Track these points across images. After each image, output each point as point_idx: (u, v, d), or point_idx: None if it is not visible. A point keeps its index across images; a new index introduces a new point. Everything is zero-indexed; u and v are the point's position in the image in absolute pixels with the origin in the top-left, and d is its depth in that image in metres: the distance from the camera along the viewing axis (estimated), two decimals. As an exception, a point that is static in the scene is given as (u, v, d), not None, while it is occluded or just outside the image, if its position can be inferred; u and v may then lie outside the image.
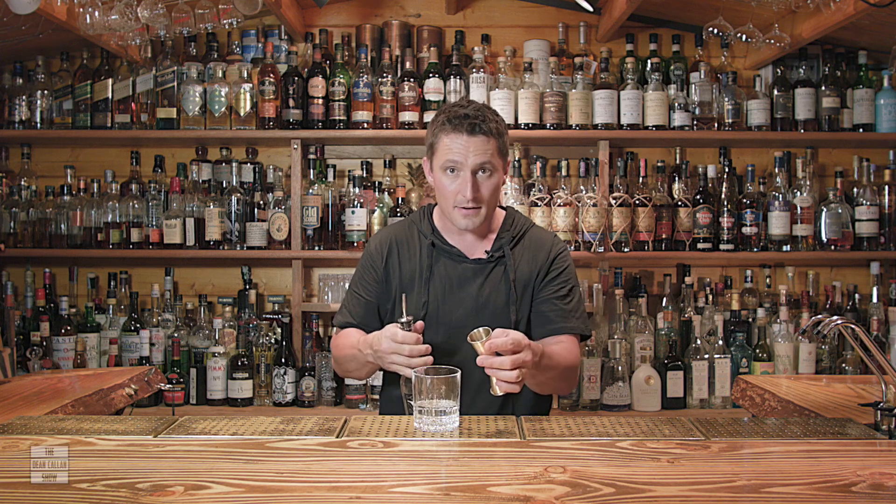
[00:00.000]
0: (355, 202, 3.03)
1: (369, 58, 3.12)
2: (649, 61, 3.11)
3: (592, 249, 2.96)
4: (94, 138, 3.18)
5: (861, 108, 3.07)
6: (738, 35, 2.69)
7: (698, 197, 3.05)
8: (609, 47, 3.17)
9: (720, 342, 2.97)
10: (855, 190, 3.12)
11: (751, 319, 3.06)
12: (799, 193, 3.05)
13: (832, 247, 3.05)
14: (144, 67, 3.09)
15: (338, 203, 3.09)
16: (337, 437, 1.47)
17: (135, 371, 2.24)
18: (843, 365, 2.98)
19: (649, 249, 3.02)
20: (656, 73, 3.06)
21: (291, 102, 3.04)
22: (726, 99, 3.06)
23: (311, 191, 3.07)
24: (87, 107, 3.10)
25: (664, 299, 3.11)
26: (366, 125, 3.04)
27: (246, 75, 3.08)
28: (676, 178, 3.10)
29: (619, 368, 2.93)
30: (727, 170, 3.15)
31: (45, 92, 3.12)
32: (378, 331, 1.75)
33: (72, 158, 3.30)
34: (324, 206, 3.06)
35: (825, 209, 3.05)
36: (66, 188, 3.13)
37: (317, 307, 3.11)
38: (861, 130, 3.08)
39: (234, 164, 3.13)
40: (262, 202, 3.10)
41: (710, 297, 3.12)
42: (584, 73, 3.07)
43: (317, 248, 3.05)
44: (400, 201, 3.07)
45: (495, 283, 1.88)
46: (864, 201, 3.07)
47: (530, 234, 1.96)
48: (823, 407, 1.78)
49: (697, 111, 3.07)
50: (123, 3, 2.51)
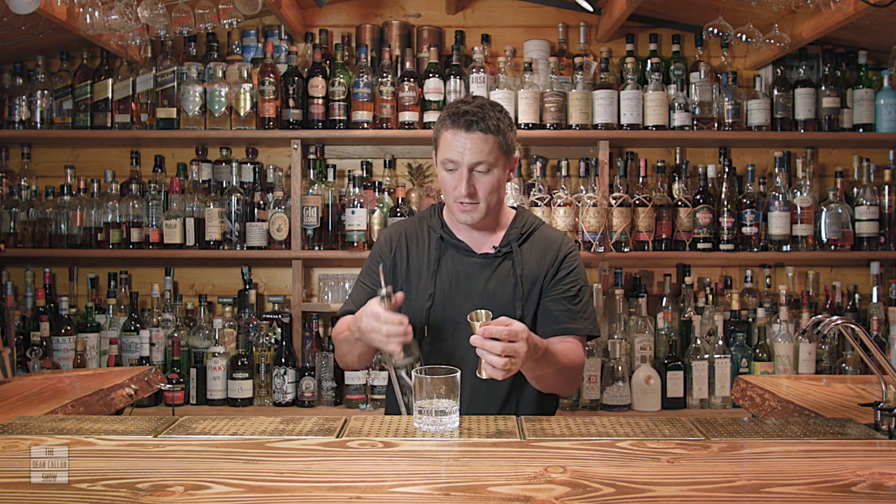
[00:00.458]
0: (355, 202, 3.03)
1: (369, 58, 3.12)
2: (649, 61, 3.11)
3: (592, 249, 2.96)
4: (94, 138, 3.18)
5: (861, 108, 3.07)
6: (738, 35, 2.69)
7: (698, 197, 3.05)
8: (609, 47, 3.17)
9: (720, 342, 2.97)
10: (855, 190, 3.12)
11: (751, 319, 3.06)
12: (799, 193, 3.05)
13: (832, 247, 3.05)
14: (144, 67, 3.09)
15: (338, 203, 3.09)
16: (337, 437, 1.47)
17: (135, 371, 2.24)
18: (843, 365, 2.98)
19: (649, 249, 3.03)
20: (656, 73, 3.06)
21: (291, 102, 3.04)
22: (726, 99, 3.06)
23: (311, 191, 3.07)
24: (87, 107, 3.10)
25: (664, 299, 3.11)
26: (366, 125, 3.04)
27: (246, 75, 3.08)
28: (676, 178, 3.10)
29: (619, 368, 2.93)
30: (727, 170, 3.15)
31: (45, 92, 3.12)
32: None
33: (72, 158, 3.30)
34: (324, 206, 3.06)
35: (825, 209, 3.05)
36: (66, 188, 3.13)
37: (317, 307, 3.11)
38: (861, 130, 3.08)
39: (234, 164, 3.13)
40: (262, 202, 3.10)
41: (710, 297, 3.12)
42: (584, 73, 3.07)
43: (317, 248, 3.05)
44: (400, 201, 3.07)
45: (502, 278, 1.89)
46: (864, 201, 3.07)
47: (540, 232, 1.96)
48: (823, 407, 1.78)
49: (697, 111, 3.07)
50: (123, 3, 2.51)
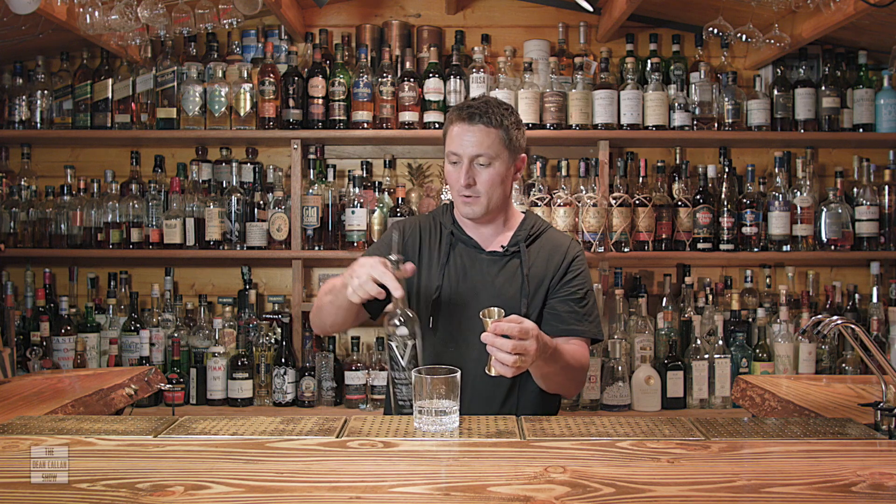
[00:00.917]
0: (355, 202, 3.03)
1: (369, 58, 3.12)
2: (649, 61, 3.11)
3: (592, 249, 2.96)
4: (94, 138, 3.18)
5: (861, 108, 3.07)
6: (738, 35, 2.69)
7: (698, 197, 3.05)
8: (609, 47, 3.17)
9: (720, 342, 2.97)
10: (855, 190, 3.12)
11: (751, 319, 3.06)
12: (799, 193, 3.05)
13: (832, 247, 3.05)
14: (144, 67, 3.09)
15: (338, 203, 3.09)
16: (337, 437, 1.47)
17: (135, 371, 2.24)
18: (843, 365, 2.98)
19: (649, 249, 3.03)
20: (656, 73, 3.06)
21: (291, 102, 3.04)
22: (726, 99, 3.06)
23: (311, 191, 3.07)
24: (87, 107, 3.10)
25: (664, 299, 3.11)
26: (366, 125, 3.04)
27: (246, 75, 3.08)
28: (676, 178, 3.10)
29: (619, 368, 2.93)
30: (727, 170, 3.15)
31: (45, 92, 3.12)
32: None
33: (72, 158, 3.30)
34: (324, 206, 3.06)
35: (825, 209, 3.05)
36: (66, 188, 3.13)
37: (317, 307, 3.10)
38: (861, 130, 3.08)
39: (234, 164, 3.13)
40: (262, 202, 3.10)
41: (710, 297, 3.12)
42: (584, 73, 3.07)
43: (317, 248, 3.05)
44: (400, 201, 3.07)
45: (509, 276, 1.91)
46: (864, 201, 3.07)
47: (547, 234, 1.99)
48: (823, 407, 1.78)
49: (697, 111, 3.07)
50: (123, 3, 2.51)
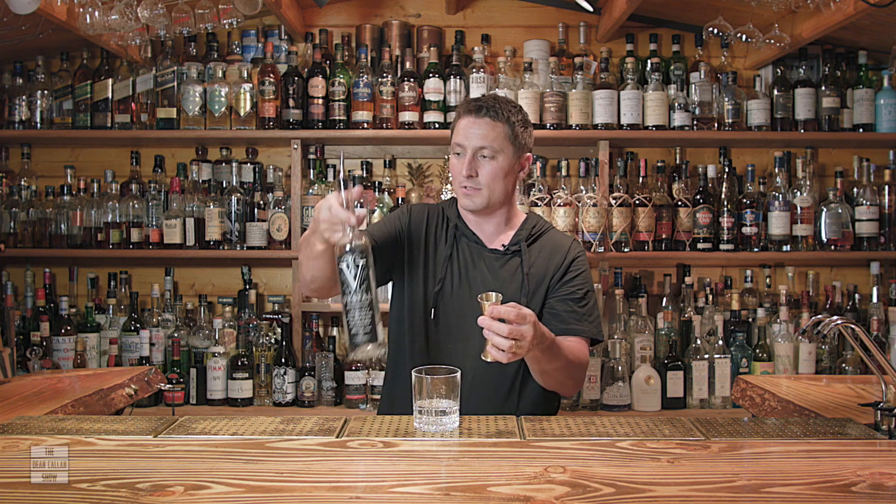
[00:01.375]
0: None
1: (369, 58, 3.12)
2: (649, 61, 3.11)
3: (592, 249, 2.96)
4: (94, 138, 3.18)
5: (861, 108, 3.07)
6: (738, 35, 2.69)
7: (698, 197, 3.05)
8: (609, 47, 3.17)
9: (720, 342, 2.97)
10: (855, 190, 3.12)
11: (751, 319, 3.06)
12: (799, 193, 3.05)
13: (832, 247, 3.05)
14: (144, 67, 3.09)
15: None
16: (337, 437, 1.47)
17: (135, 371, 2.24)
18: (843, 365, 2.98)
19: (649, 249, 3.03)
20: (656, 73, 3.05)
21: (291, 102, 3.04)
22: (726, 99, 3.06)
23: (311, 191, 3.07)
24: (87, 107, 3.10)
25: (664, 299, 3.11)
26: (366, 125, 3.04)
27: (246, 75, 3.08)
28: (676, 178, 3.10)
29: (619, 368, 2.93)
30: (727, 170, 3.15)
31: (45, 92, 3.12)
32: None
33: (72, 158, 3.30)
34: (324, 206, 3.05)
35: (825, 209, 3.05)
36: (66, 188, 3.13)
37: (317, 307, 3.11)
38: (861, 130, 3.08)
39: (234, 164, 3.13)
40: (262, 202, 3.10)
41: (710, 297, 3.12)
42: (584, 73, 3.07)
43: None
44: (400, 201, 3.07)
45: (509, 274, 1.92)
46: (864, 201, 3.07)
47: (549, 235, 2.00)
48: (823, 407, 1.78)
49: (697, 111, 3.07)
50: (123, 3, 2.51)
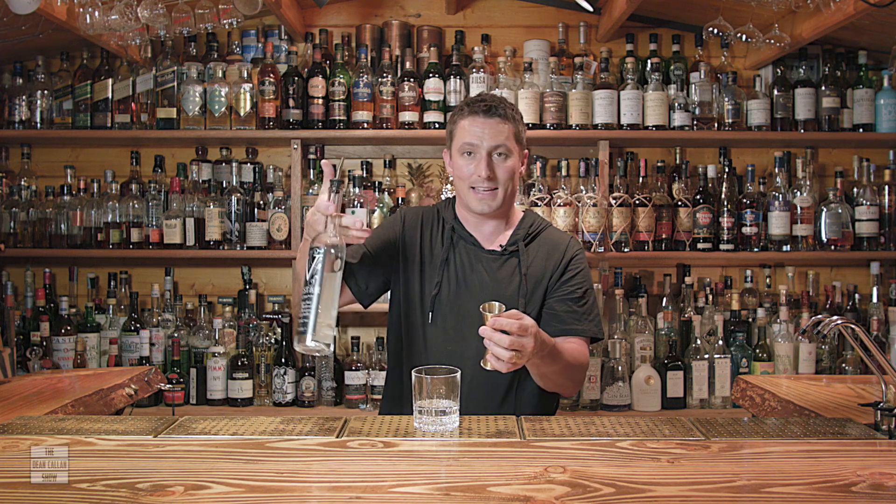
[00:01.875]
0: (355, 202, 3.03)
1: (369, 58, 3.12)
2: (649, 61, 3.11)
3: (592, 249, 2.96)
4: (94, 138, 3.18)
5: (861, 108, 3.07)
6: (738, 35, 2.69)
7: (698, 197, 3.05)
8: (609, 47, 3.17)
9: (720, 342, 2.97)
10: (855, 190, 3.12)
11: (751, 319, 3.06)
12: (799, 193, 3.05)
13: (832, 247, 3.05)
14: (144, 67, 3.09)
15: (346, 202, 3.08)
16: (337, 437, 1.47)
17: (135, 371, 2.24)
18: (843, 365, 2.98)
19: (649, 249, 3.03)
20: (656, 73, 3.05)
21: (291, 102, 3.04)
22: (726, 99, 3.06)
23: (311, 191, 3.07)
24: (87, 107, 3.10)
25: (664, 299, 3.11)
26: (366, 125, 3.04)
27: (246, 75, 3.08)
28: (676, 178, 3.10)
29: (619, 368, 2.93)
30: (727, 170, 3.15)
31: (45, 92, 3.12)
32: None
33: (72, 158, 3.30)
34: (324, 206, 3.05)
35: (825, 209, 3.05)
36: (66, 188, 3.13)
37: (317, 307, 3.10)
38: (861, 130, 3.08)
39: (234, 164, 3.13)
40: (262, 202, 3.10)
41: (710, 297, 3.12)
42: (584, 73, 3.07)
43: (317, 248, 3.05)
44: (400, 201, 3.07)
45: (507, 275, 1.91)
46: (864, 201, 3.07)
47: (547, 233, 1.99)
48: (823, 407, 1.78)
49: (697, 111, 3.07)
50: (123, 3, 2.51)
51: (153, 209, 3.09)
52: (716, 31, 2.69)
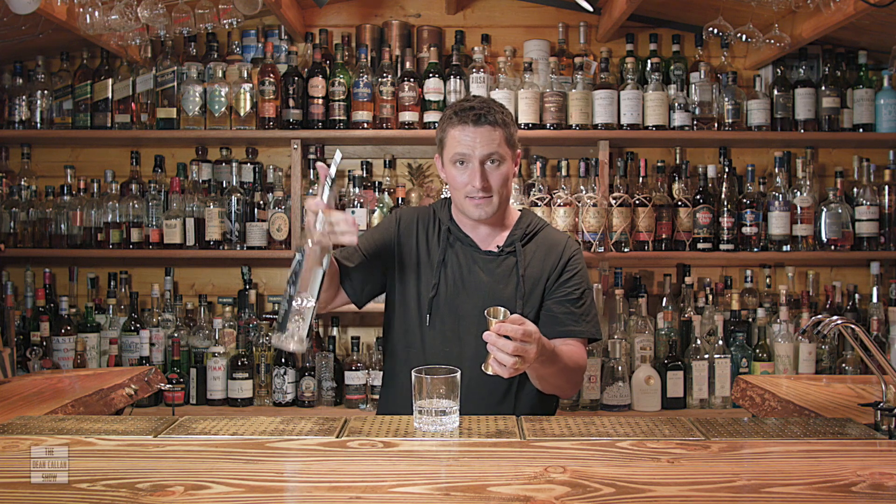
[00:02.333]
0: (355, 202, 3.03)
1: (369, 58, 3.12)
2: (649, 61, 3.11)
3: (592, 249, 2.96)
4: (94, 138, 3.18)
5: (861, 108, 3.07)
6: (738, 35, 2.69)
7: (698, 197, 3.05)
8: (609, 47, 3.17)
9: (720, 342, 2.97)
10: (855, 190, 3.12)
11: (751, 319, 3.06)
12: (799, 193, 3.05)
13: (832, 247, 3.05)
14: (144, 67, 3.09)
15: (338, 203, 3.09)
16: (337, 437, 1.47)
17: (135, 371, 2.24)
18: (843, 365, 2.98)
19: (649, 249, 3.03)
20: (656, 73, 3.05)
21: (291, 102, 3.04)
22: (726, 99, 3.06)
23: (311, 191, 3.07)
24: (87, 107, 3.10)
25: (664, 299, 3.11)
26: (366, 125, 3.04)
27: (246, 75, 3.08)
28: (676, 178, 3.10)
29: (619, 368, 2.93)
30: (727, 170, 3.15)
31: (45, 92, 3.12)
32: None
33: (72, 158, 3.30)
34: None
35: (825, 209, 3.05)
36: (66, 188, 3.13)
37: (317, 307, 3.10)
38: (861, 130, 3.08)
39: (234, 164, 3.13)
40: (262, 202, 3.10)
41: (710, 297, 3.12)
42: (584, 73, 3.07)
43: (317, 248, 3.05)
44: (400, 201, 3.07)
45: (504, 276, 1.90)
46: (864, 201, 3.07)
47: (544, 233, 1.98)
48: (823, 407, 1.78)
49: (697, 111, 3.07)
50: (123, 3, 2.51)
51: (153, 209, 3.09)
52: (716, 31, 2.69)
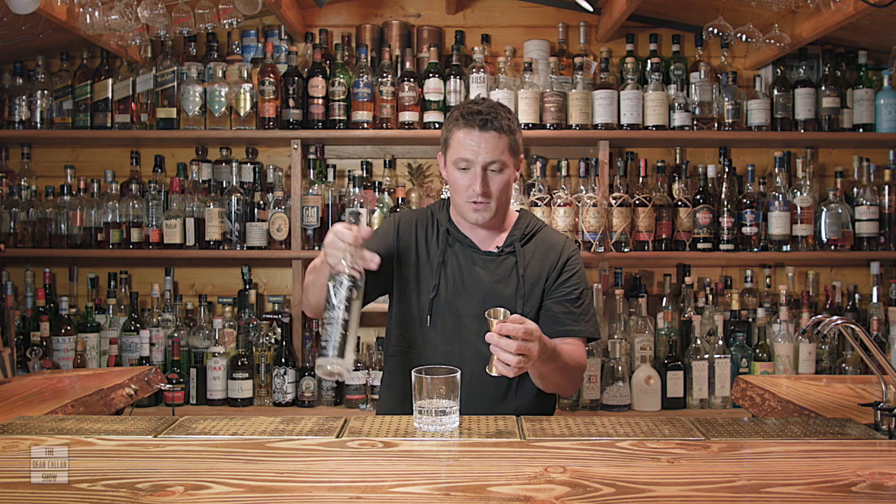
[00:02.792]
0: (355, 202, 3.03)
1: (369, 58, 3.12)
2: (649, 61, 3.11)
3: (592, 249, 2.96)
4: (94, 138, 3.18)
5: (861, 108, 3.07)
6: (738, 35, 2.69)
7: (698, 197, 3.05)
8: (609, 47, 3.17)
9: (720, 342, 2.97)
10: (855, 190, 3.12)
11: (751, 319, 3.06)
12: (799, 193, 3.05)
13: (832, 247, 3.05)
14: (144, 67, 3.09)
15: (338, 203, 3.09)
16: (337, 437, 1.47)
17: (135, 371, 2.24)
18: (843, 365, 2.98)
19: (649, 249, 3.02)
20: (656, 73, 3.05)
21: (291, 102, 3.04)
22: (726, 99, 3.06)
23: (311, 191, 3.07)
24: (87, 107, 3.10)
25: (664, 299, 3.11)
26: (366, 125, 3.04)
27: (246, 75, 3.08)
28: (676, 178, 3.10)
29: (619, 368, 2.93)
30: (727, 170, 3.15)
31: (45, 92, 3.12)
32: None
33: (72, 158, 3.30)
34: (324, 206, 3.06)
35: (825, 209, 3.05)
36: (66, 188, 3.13)
37: (317, 307, 3.11)
38: (861, 130, 3.08)
39: (234, 164, 3.13)
40: (262, 202, 3.10)
41: (710, 297, 3.12)
42: (584, 73, 3.07)
43: (317, 248, 3.05)
44: (400, 201, 3.07)
45: (504, 277, 1.91)
46: (864, 201, 3.07)
47: (542, 234, 1.99)
48: (823, 407, 1.78)
49: (697, 111, 3.07)
50: (123, 3, 2.51)
51: (153, 209, 3.09)
52: (716, 31, 2.69)
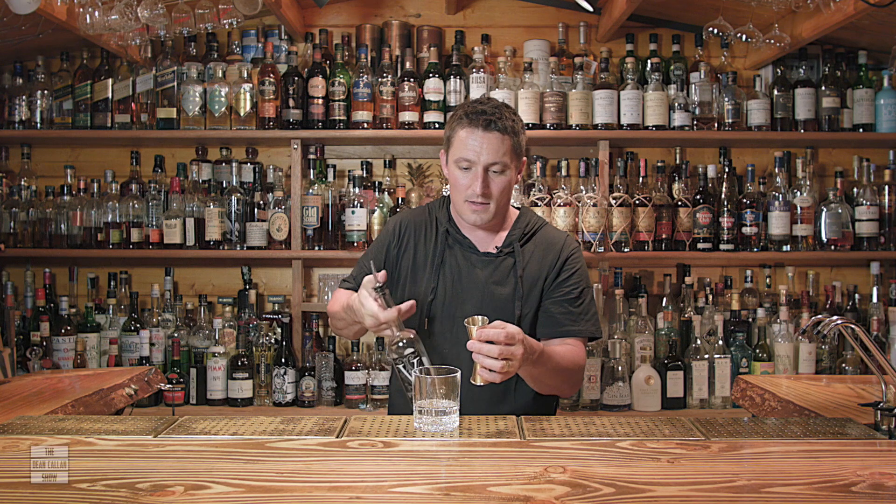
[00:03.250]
0: (355, 202, 3.03)
1: (369, 58, 3.12)
2: (649, 61, 3.11)
3: (592, 249, 2.96)
4: (94, 138, 3.18)
5: (861, 108, 3.07)
6: (738, 35, 2.69)
7: (698, 197, 3.05)
8: (609, 47, 3.17)
9: (720, 342, 2.97)
10: (855, 190, 3.12)
11: (751, 319, 3.06)
12: (799, 193, 3.05)
13: (832, 247, 3.05)
14: (144, 67, 3.09)
15: (338, 203, 3.09)
16: (337, 437, 1.47)
17: (135, 371, 2.24)
18: (843, 365, 2.98)
19: (649, 249, 3.03)
20: (656, 73, 3.05)
21: (291, 102, 3.04)
22: (726, 99, 3.06)
23: (311, 191, 3.07)
24: (87, 107, 3.10)
25: (664, 299, 3.11)
26: (366, 125, 3.04)
27: (246, 75, 3.08)
28: (676, 178, 3.10)
29: (619, 368, 2.93)
30: (727, 170, 3.15)
31: (45, 92, 3.12)
32: (356, 294, 1.75)
33: (72, 158, 3.30)
34: (324, 206, 3.06)
35: (825, 209, 3.05)
36: (66, 188, 3.13)
37: (317, 307, 3.11)
38: (861, 130, 3.08)
39: (234, 164, 3.13)
40: (262, 202, 3.10)
41: (710, 297, 3.12)
42: (584, 73, 3.07)
43: (317, 248, 3.05)
44: (400, 201, 3.07)
45: (503, 278, 1.90)
46: (864, 201, 3.07)
47: (542, 232, 1.97)
48: (823, 407, 1.78)
49: (697, 111, 3.07)
50: (123, 3, 2.51)
51: (153, 209, 3.09)
52: (716, 31, 2.69)
